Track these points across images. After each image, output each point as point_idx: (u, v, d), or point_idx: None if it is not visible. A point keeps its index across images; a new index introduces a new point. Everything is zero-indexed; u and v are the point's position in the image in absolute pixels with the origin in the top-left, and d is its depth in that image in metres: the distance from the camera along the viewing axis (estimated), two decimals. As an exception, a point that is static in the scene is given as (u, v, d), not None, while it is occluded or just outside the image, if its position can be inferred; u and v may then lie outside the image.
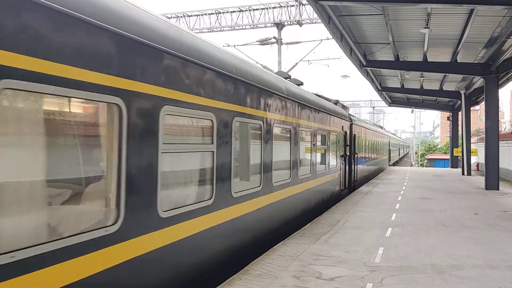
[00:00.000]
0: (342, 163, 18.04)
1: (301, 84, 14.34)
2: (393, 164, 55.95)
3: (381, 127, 52.00)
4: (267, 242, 9.28)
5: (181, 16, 32.37)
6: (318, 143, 13.74)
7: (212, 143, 6.74)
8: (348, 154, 19.29)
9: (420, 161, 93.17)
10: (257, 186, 8.73)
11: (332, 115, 15.78)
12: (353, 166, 20.92)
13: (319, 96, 16.17)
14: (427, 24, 17.21)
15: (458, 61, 23.38)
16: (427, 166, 72.94)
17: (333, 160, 16.24)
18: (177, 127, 6.21)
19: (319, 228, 11.20)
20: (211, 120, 6.68)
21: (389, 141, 48.34)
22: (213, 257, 6.89)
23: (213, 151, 6.73)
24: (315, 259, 8.18)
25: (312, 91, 15.77)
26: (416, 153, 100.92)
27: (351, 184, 20.51)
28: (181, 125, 6.29)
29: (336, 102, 19.04)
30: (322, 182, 14.28)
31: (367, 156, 27.88)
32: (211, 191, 6.76)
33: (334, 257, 8.36)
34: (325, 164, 14.81)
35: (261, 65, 13.69)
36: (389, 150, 48.67)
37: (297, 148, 11.29)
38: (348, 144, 19.45)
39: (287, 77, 12.85)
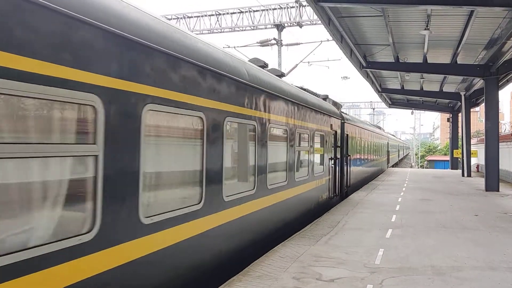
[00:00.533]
0: (332, 166, 15.93)
1: (282, 75, 12.29)
2: (393, 166, 55.61)
3: (379, 128, 49.65)
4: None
5: (181, 18, 32.43)
6: (299, 144, 11.62)
7: (95, 143, 4.38)
8: (339, 156, 17.39)
9: (420, 162, 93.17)
10: (196, 204, 6.31)
11: (317, 111, 13.58)
12: (345, 170, 19.00)
13: (304, 89, 14.26)
14: (427, 26, 17.23)
15: (458, 62, 23.41)
16: (427, 168, 72.99)
17: (319, 164, 14.12)
18: (20, 118, 3.78)
19: (319, 230, 11.20)
20: (93, 107, 4.32)
21: (387, 142, 46.28)
22: None
23: (96, 156, 4.39)
24: (315, 261, 8.17)
25: (297, 84, 14.12)
26: (416, 154, 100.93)
27: (343, 190, 18.72)
28: (27, 114, 3.84)
29: (325, 98, 17.17)
30: (303, 190, 12.09)
31: (362, 158, 26.02)
32: (92, 217, 4.35)
33: (334, 259, 8.35)
34: (308, 169, 12.60)
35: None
36: (388, 151, 46.48)
37: (265, 150, 9.01)
38: (339, 145, 17.35)
39: (263, 65, 10.82)
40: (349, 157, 19.90)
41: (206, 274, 6.65)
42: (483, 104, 24.75)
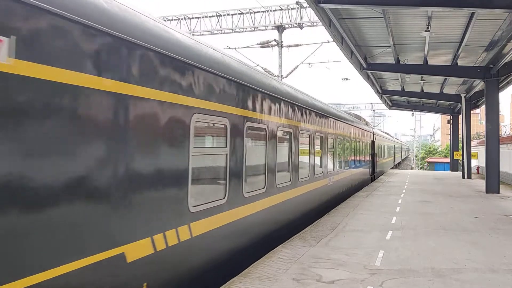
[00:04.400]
0: None
1: None
2: (392, 169, 52.67)
3: (359, 118, 29.99)
4: None
5: (182, 19, 32.46)
6: None
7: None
8: None
9: (421, 164, 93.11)
10: None
11: None
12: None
13: None
14: (428, 27, 17.23)
15: (458, 64, 23.40)
16: (427, 169, 72.95)
17: None
18: None
19: (319, 231, 11.18)
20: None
21: (372, 141, 30.39)
22: None
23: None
24: (315, 262, 8.16)
25: None
26: (416, 156, 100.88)
27: None
28: None
29: None
30: None
31: (258, 175, 8.93)
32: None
33: (334, 260, 8.34)
34: None
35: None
36: (373, 155, 30.83)
37: None
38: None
39: None
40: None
41: None
42: (484, 106, 24.74)
